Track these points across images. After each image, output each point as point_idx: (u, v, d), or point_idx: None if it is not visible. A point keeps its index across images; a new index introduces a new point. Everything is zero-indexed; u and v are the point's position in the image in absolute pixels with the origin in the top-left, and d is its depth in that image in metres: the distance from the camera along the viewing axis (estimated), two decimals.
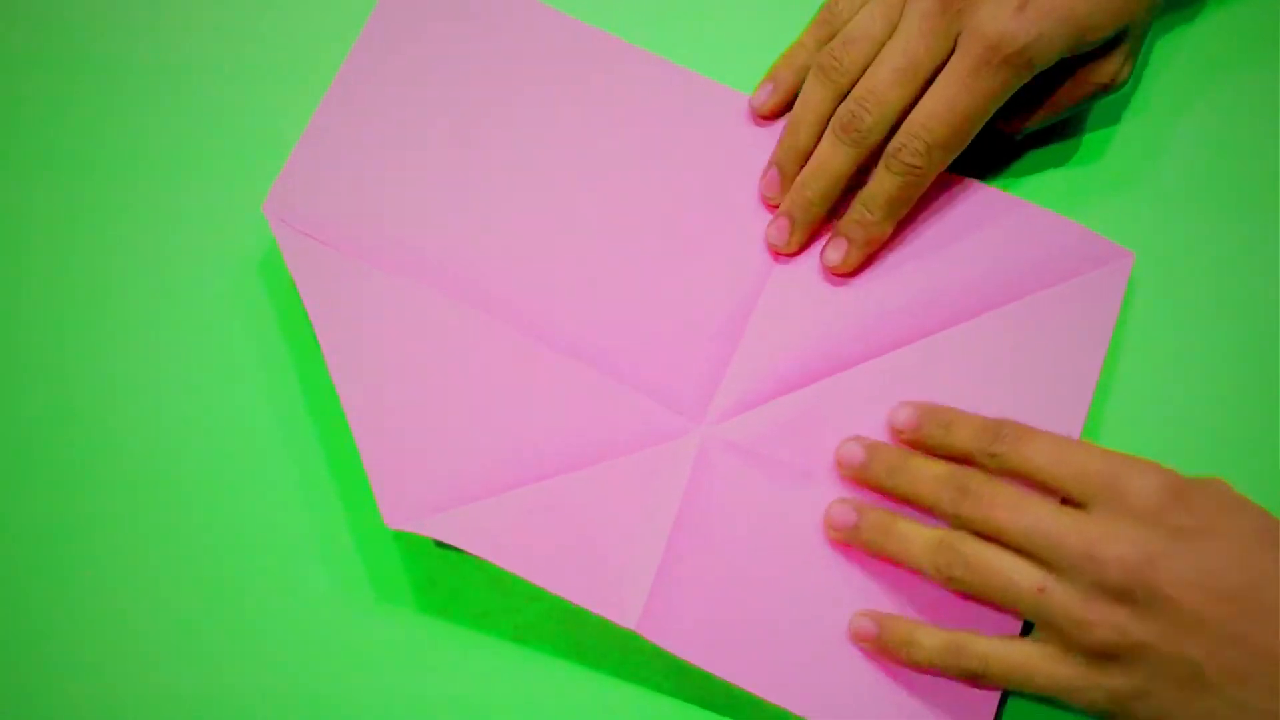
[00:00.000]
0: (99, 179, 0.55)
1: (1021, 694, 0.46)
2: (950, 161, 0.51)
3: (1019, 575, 0.45)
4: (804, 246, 0.53)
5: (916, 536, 0.48)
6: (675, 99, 0.55)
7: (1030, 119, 0.53)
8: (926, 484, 0.48)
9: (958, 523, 0.47)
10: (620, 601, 0.48)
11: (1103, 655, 0.44)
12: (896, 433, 0.50)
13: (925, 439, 0.49)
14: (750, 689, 0.48)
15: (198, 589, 0.50)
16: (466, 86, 0.54)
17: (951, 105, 0.49)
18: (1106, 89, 0.52)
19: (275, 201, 0.52)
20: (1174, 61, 0.57)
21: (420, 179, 0.53)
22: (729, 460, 0.51)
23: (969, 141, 0.50)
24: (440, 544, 0.50)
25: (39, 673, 0.49)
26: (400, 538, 0.51)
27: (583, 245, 0.53)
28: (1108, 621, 0.43)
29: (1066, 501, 0.46)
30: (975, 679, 0.47)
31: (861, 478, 0.50)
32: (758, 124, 0.54)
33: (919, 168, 0.50)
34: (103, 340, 0.53)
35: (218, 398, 0.53)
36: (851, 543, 0.49)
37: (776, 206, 0.53)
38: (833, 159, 0.51)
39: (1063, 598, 0.44)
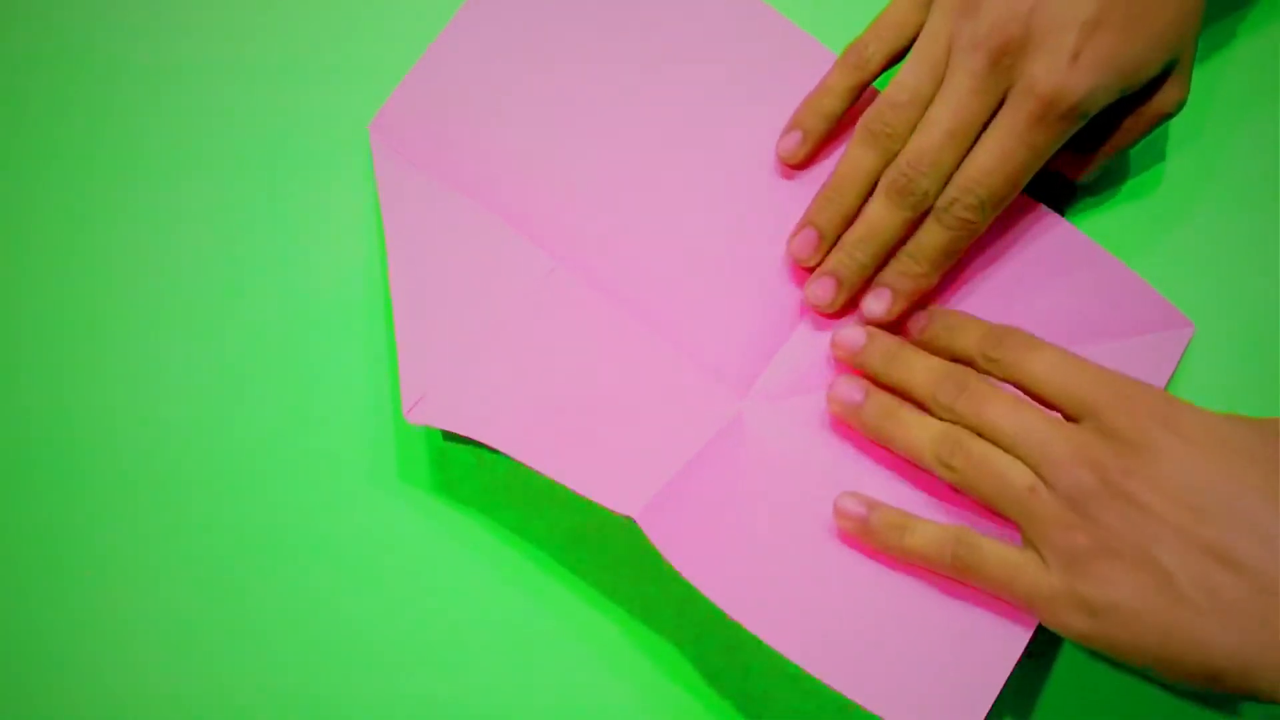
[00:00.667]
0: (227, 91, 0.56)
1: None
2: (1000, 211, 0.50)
3: (1014, 473, 0.46)
4: (848, 307, 0.52)
5: (920, 423, 0.48)
6: (794, 71, 0.54)
7: (1093, 162, 0.52)
8: (923, 375, 0.48)
9: (951, 416, 0.47)
10: (624, 494, 0.47)
11: (1080, 560, 0.44)
12: (905, 334, 0.50)
13: (930, 340, 0.50)
14: (734, 616, 0.47)
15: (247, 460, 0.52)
16: (581, 40, 0.55)
17: (1006, 160, 0.48)
18: (1168, 116, 0.51)
19: (382, 121, 0.54)
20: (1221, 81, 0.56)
21: (518, 120, 0.54)
22: (763, 436, 0.51)
23: (1020, 190, 0.50)
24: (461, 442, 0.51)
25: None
26: (435, 460, 0.52)
27: (663, 207, 0.53)
28: (1084, 526, 0.44)
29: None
30: (963, 572, 0.46)
31: (858, 362, 0.50)
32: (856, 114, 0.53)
33: (973, 222, 0.49)
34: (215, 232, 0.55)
35: (293, 298, 0.54)
36: (852, 422, 0.49)
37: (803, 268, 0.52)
38: (886, 222, 0.49)
39: (1049, 499, 0.45)
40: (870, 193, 0.50)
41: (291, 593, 0.51)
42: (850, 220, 0.51)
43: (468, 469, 0.52)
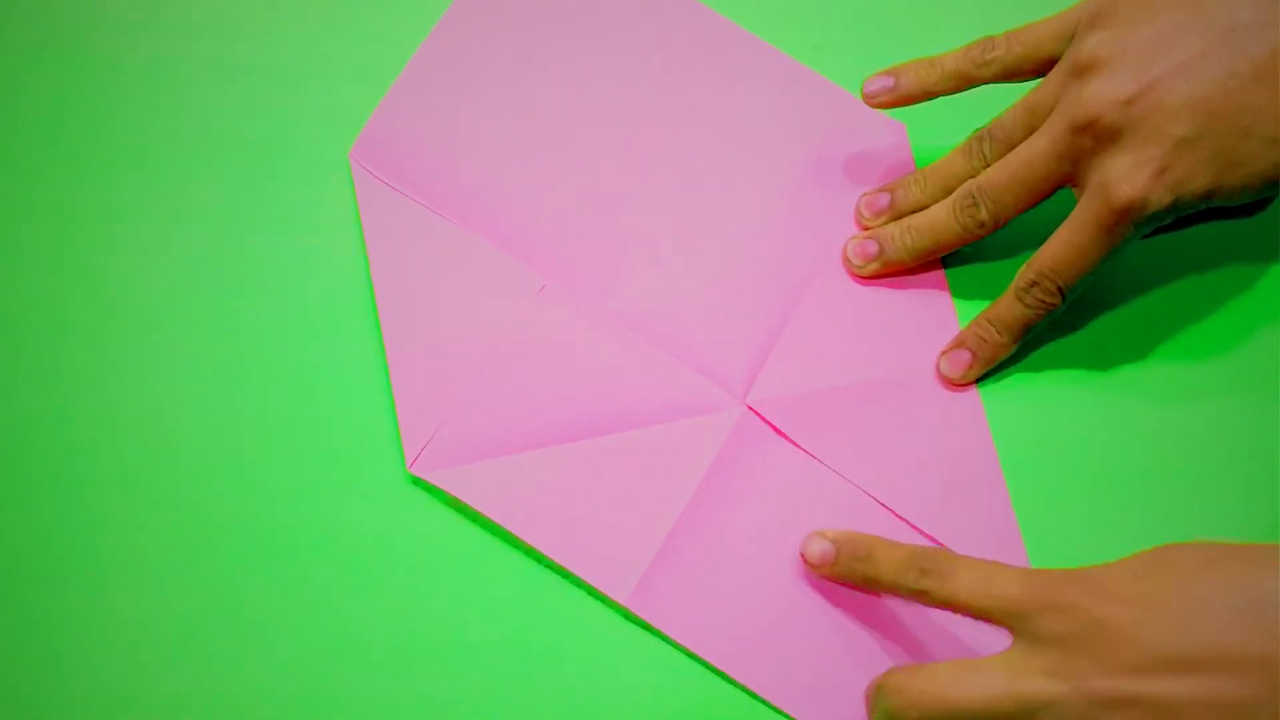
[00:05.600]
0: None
1: None
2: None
3: None
4: (878, 278, 0.55)
5: (887, 558, 0.47)
6: (764, 83, 0.56)
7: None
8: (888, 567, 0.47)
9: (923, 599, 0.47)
10: (616, 575, 0.49)
11: None
12: (813, 568, 0.49)
13: (844, 575, 0.49)
14: (735, 676, 0.49)
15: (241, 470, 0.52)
16: (558, 52, 0.56)
17: (1078, 254, 0.50)
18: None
19: (361, 149, 0.54)
20: None
21: (499, 138, 0.55)
22: (760, 442, 0.52)
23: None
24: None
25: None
26: None
27: (649, 217, 0.54)
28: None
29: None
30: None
31: (830, 574, 0.49)
32: (837, 119, 0.56)
33: (1052, 304, 0.51)
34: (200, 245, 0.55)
35: (291, 299, 0.54)
36: (828, 576, 0.50)
37: (860, 223, 0.55)
38: (942, 228, 0.53)
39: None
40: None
41: (292, 592, 0.51)
42: (918, 209, 0.54)
43: None
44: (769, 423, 0.52)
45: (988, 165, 0.52)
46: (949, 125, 0.56)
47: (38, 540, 0.51)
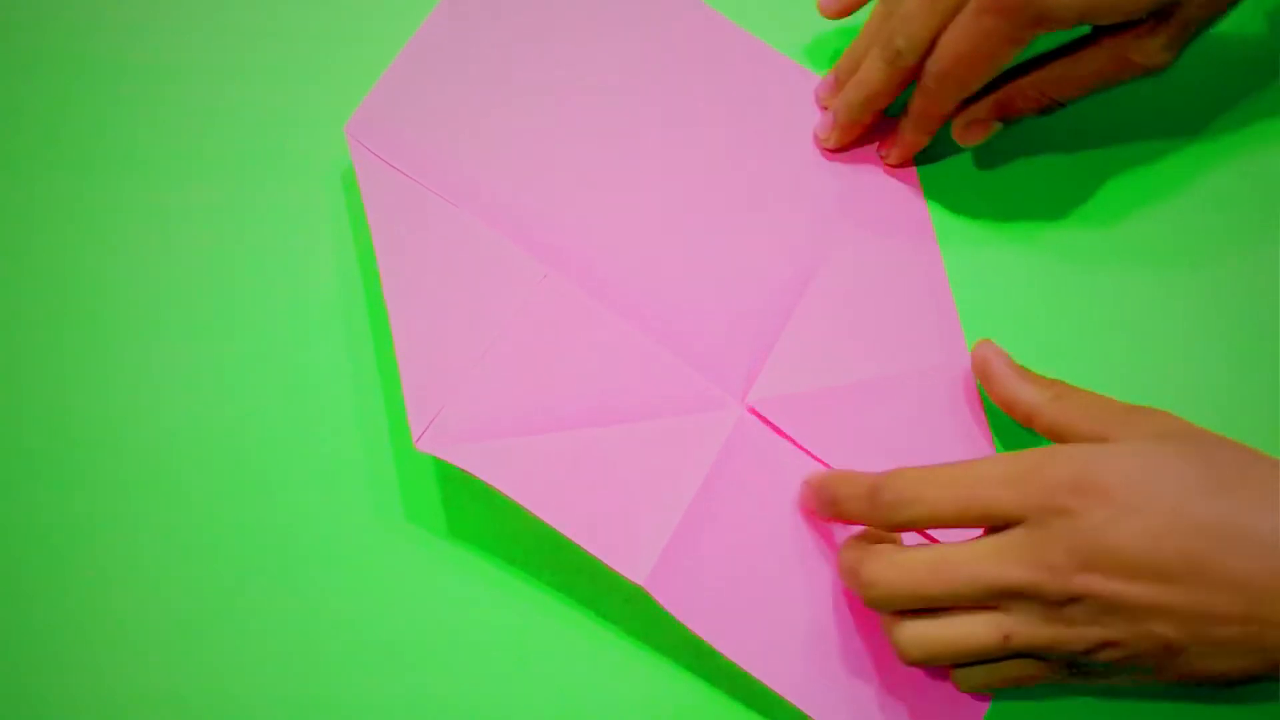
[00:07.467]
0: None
1: None
2: (968, 93, 0.53)
3: (981, 634, 0.44)
4: (842, 146, 0.56)
5: (849, 493, 0.47)
6: (762, 79, 0.57)
7: (1060, 90, 0.53)
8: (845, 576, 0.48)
9: (891, 606, 0.45)
10: (632, 557, 0.48)
11: (1089, 655, 0.43)
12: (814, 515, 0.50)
13: (832, 519, 0.49)
14: (745, 667, 0.49)
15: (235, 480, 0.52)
16: (557, 40, 0.56)
17: (956, 44, 0.51)
18: (1147, 72, 0.52)
19: (357, 124, 0.54)
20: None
21: (500, 123, 0.54)
22: (761, 442, 0.51)
23: (983, 78, 0.52)
24: (471, 477, 0.51)
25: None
26: (437, 466, 0.52)
27: (649, 211, 0.54)
28: (1071, 634, 0.42)
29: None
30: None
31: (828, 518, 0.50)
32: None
33: (933, 91, 0.53)
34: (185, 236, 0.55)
35: (288, 301, 0.54)
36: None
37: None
38: (871, 73, 0.54)
39: (1027, 632, 0.43)
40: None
41: (289, 593, 0.51)
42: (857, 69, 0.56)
43: (471, 481, 0.52)
44: (769, 423, 0.52)
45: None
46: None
47: (37, 540, 0.51)
